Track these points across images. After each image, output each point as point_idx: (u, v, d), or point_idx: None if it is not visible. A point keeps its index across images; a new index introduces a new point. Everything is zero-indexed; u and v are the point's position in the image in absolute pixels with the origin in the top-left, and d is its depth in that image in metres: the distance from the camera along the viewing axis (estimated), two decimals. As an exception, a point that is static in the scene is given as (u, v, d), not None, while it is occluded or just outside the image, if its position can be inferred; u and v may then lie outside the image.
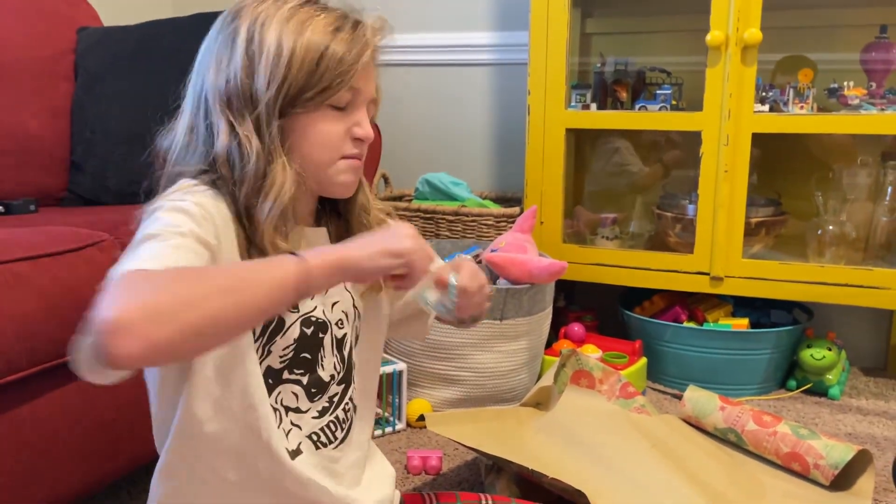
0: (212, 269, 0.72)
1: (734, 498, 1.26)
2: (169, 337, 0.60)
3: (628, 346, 1.81)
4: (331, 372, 0.90)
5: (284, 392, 0.86)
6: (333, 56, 0.81)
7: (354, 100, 0.85)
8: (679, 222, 1.87)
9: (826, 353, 1.77)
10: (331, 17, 0.83)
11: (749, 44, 1.65)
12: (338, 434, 0.90)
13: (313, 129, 0.83)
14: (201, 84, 0.83)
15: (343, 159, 0.86)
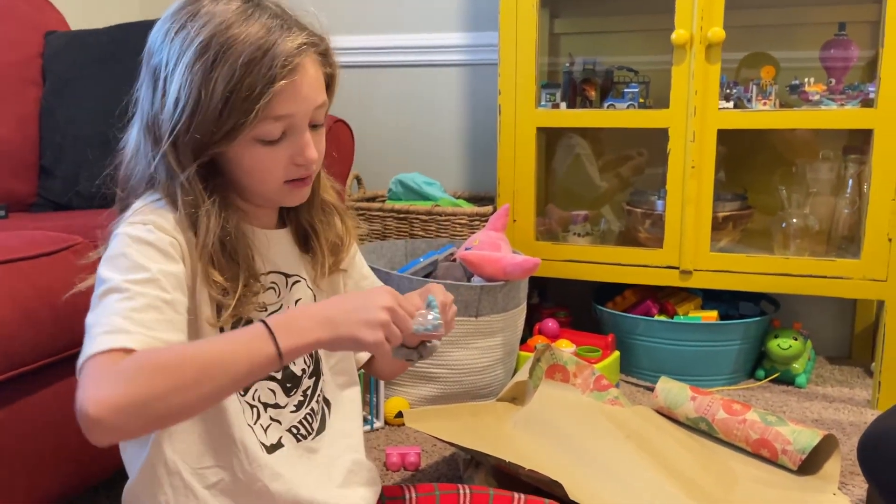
0: (185, 356, 0.72)
1: (706, 485, 1.29)
2: (143, 426, 0.71)
3: (601, 340, 1.84)
4: (301, 366, 0.92)
5: (261, 389, 0.87)
6: (238, 98, 0.78)
7: (290, 126, 0.83)
8: (648, 218, 1.90)
9: (792, 343, 1.82)
10: (245, 46, 0.78)
11: (713, 42, 1.69)
12: (314, 426, 0.92)
13: (244, 163, 0.83)
14: (141, 104, 0.85)
15: (287, 183, 0.86)
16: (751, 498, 1.29)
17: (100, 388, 0.67)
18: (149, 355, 0.70)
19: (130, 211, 0.83)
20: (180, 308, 0.78)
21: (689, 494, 1.22)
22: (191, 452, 0.83)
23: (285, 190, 0.86)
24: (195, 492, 0.83)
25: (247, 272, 0.84)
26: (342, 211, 0.97)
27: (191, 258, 0.81)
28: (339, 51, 0.90)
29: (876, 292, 1.69)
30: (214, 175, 0.84)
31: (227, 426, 0.83)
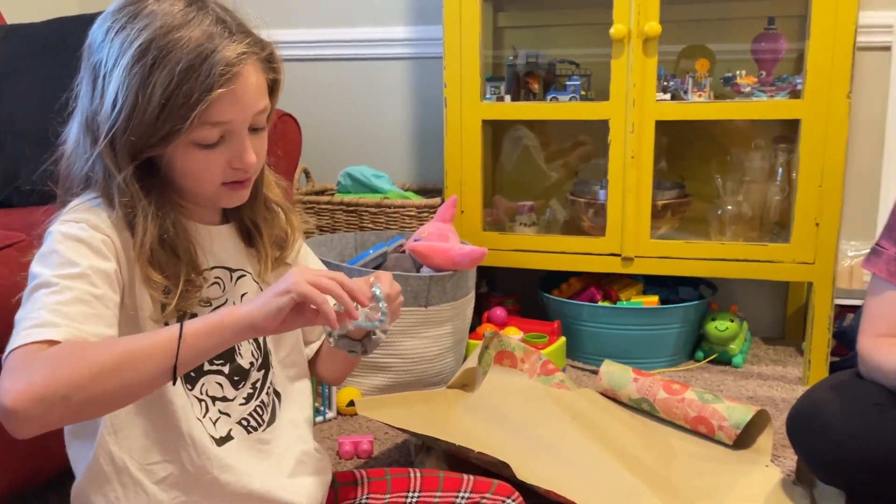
0: (102, 348, 0.73)
1: (648, 461, 1.35)
2: (61, 417, 0.71)
3: (548, 326, 1.89)
4: (249, 359, 0.93)
5: (208, 383, 0.89)
6: (175, 104, 0.78)
7: (228, 131, 0.82)
8: (591, 207, 1.96)
9: (729, 325, 1.90)
10: (184, 53, 0.78)
11: (649, 36, 1.75)
12: (265, 417, 0.93)
13: (181, 166, 0.84)
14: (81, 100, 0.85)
15: (225, 185, 0.86)
16: (689, 472, 1.36)
17: (17, 380, 0.68)
18: (69, 346, 0.72)
19: (66, 209, 0.83)
20: (110, 304, 0.78)
21: (632, 471, 1.27)
22: (137, 448, 0.84)
23: (223, 191, 0.87)
24: (144, 487, 0.84)
25: (188, 268, 0.85)
26: (286, 207, 0.98)
27: (127, 258, 0.82)
28: (287, 44, 0.91)
29: (805, 274, 1.78)
30: (152, 175, 0.84)
31: (174, 420, 0.84)
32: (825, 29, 1.67)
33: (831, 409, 1.21)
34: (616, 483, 1.24)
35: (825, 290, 1.76)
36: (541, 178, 2.24)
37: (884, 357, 1.22)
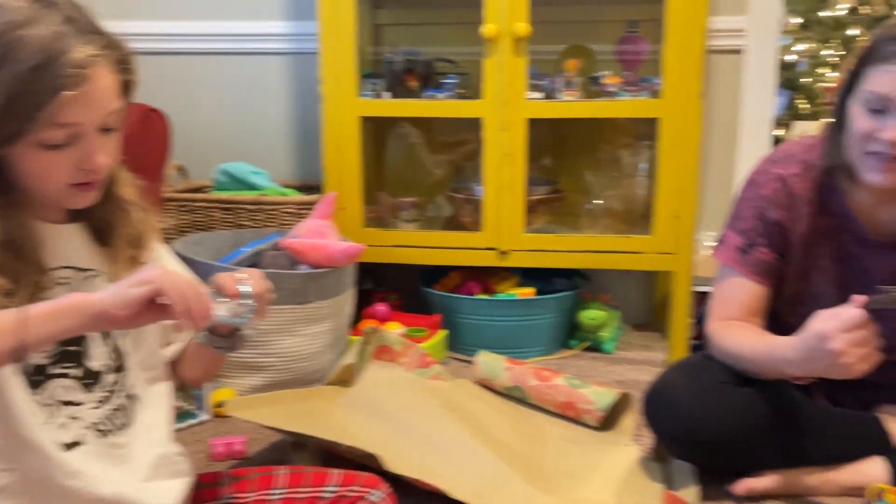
0: None
1: (518, 446, 1.41)
2: None
3: (428, 320, 1.93)
4: (103, 362, 0.91)
5: (55, 387, 0.86)
6: (20, 104, 0.76)
7: (76, 132, 0.81)
8: (469, 203, 2.01)
9: (600, 314, 2.00)
10: (31, 52, 0.76)
11: (519, 36, 1.81)
12: (120, 421, 0.91)
13: (26, 166, 0.82)
14: None
15: (73, 186, 0.85)
16: (557, 454, 1.42)
17: None
18: None
19: None
20: None
21: (502, 456, 1.32)
22: None
23: (70, 192, 0.85)
24: None
25: (33, 269, 0.82)
26: (142, 206, 0.97)
27: None
28: (163, 37, 0.89)
29: (666, 264, 1.90)
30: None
31: (14, 428, 0.81)
32: (678, 33, 1.78)
33: (680, 389, 1.30)
34: (486, 469, 1.28)
35: (685, 278, 1.88)
36: (425, 175, 2.28)
37: (728, 339, 1.32)
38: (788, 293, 1.36)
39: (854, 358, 1.06)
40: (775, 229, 1.32)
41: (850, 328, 1.05)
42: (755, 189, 1.34)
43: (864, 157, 1.19)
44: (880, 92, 1.14)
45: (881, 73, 1.14)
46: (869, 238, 1.30)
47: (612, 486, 1.31)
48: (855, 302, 1.07)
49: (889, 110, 1.14)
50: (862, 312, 1.06)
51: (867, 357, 1.07)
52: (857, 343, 1.06)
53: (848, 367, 1.07)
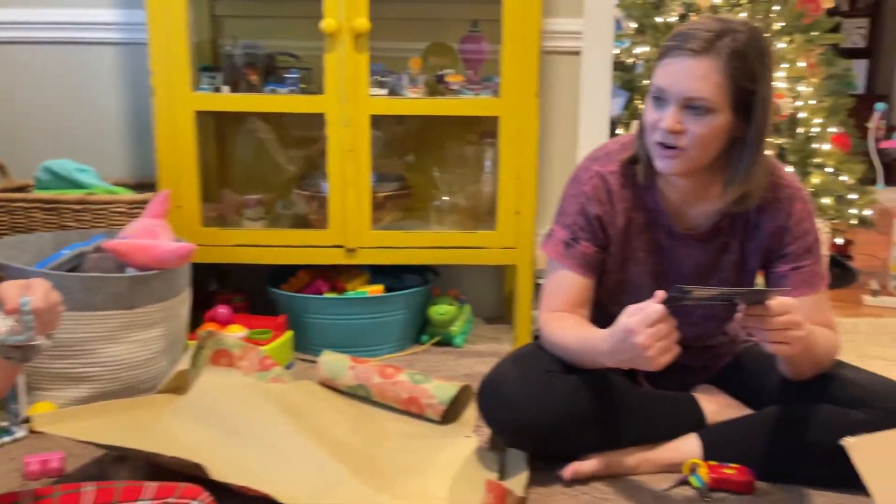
0: None
1: (357, 445, 1.40)
2: None
3: (273, 321, 1.88)
4: None
5: None
6: None
7: None
8: (315, 200, 1.98)
9: (449, 309, 2.02)
10: None
11: (359, 32, 1.79)
12: None
13: None
14: None
15: None
16: (397, 450, 1.42)
17: None
18: None
19: None
20: None
21: (337, 456, 1.30)
22: None
23: None
24: None
25: None
26: None
27: None
28: None
29: (509, 258, 1.94)
30: None
31: None
32: (515, 33, 1.82)
33: (510, 380, 1.34)
34: (319, 470, 1.26)
35: (526, 272, 1.93)
36: (273, 171, 2.22)
37: (554, 331, 1.37)
38: (610, 284, 1.43)
39: (655, 351, 1.12)
40: (596, 224, 1.38)
41: (653, 323, 1.11)
42: (577, 186, 1.40)
43: (653, 148, 1.27)
44: (658, 84, 1.23)
45: (661, 66, 1.24)
46: (678, 231, 1.38)
47: (447, 479, 1.32)
48: (656, 298, 1.13)
49: (668, 101, 1.23)
50: (662, 308, 1.12)
51: (667, 349, 1.13)
52: (658, 337, 1.12)
53: (650, 360, 1.13)
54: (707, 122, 1.22)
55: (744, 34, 1.21)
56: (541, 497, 1.30)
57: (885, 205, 3.43)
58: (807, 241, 1.36)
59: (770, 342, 1.17)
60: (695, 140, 1.23)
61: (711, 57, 1.20)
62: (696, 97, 1.21)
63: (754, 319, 1.16)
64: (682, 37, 1.22)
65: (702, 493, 1.31)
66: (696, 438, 1.39)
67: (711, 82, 1.20)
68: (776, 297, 1.15)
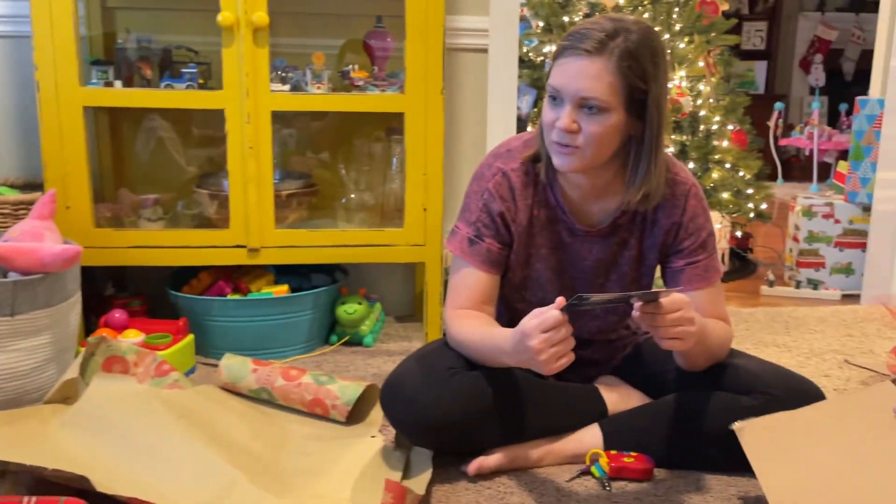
0: None
1: (256, 450, 1.36)
2: None
3: (173, 325, 1.81)
4: None
5: None
6: None
7: None
8: (216, 199, 1.92)
9: (357, 308, 1.99)
10: None
11: (258, 26, 1.75)
12: None
13: None
14: None
15: None
16: (299, 453, 1.39)
17: None
18: None
19: None
20: None
21: (234, 462, 1.26)
22: None
23: None
24: None
25: None
26: None
27: None
28: None
29: (417, 256, 1.94)
30: None
31: None
32: (418, 30, 1.82)
33: (412, 378, 1.33)
34: (213, 477, 1.22)
35: (435, 269, 1.93)
36: (173, 170, 2.14)
37: (459, 328, 1.37)
38: (514, 280, 1.44)
39: (547, 356, 1.13)
40: (500, 221, 1.38)
41: (548, 328, 1.12)
42: (480, 183, 1.40)
43: (551, 146, 1.29)
44: (554, 84, 1.25)
45: (556, 66, 1.25)
46: (579, 228, 1.40)
47: (350, 479, 1.30)
48: (556, 304, 1.14)
49: (563, 101, 1.24)
50: (559, 315, 1.12)
51: (559, 355, 1.13)
52: (551, 343, 1.12)
53: (542, 364, 1.14)
54: (601, 121, 1.24)
55: (636, 34, 1.23)
56: (445, 494, 1.30)
57: (782, 199, 3.60)
58: (701, 237, 1.40)
59: (663, 339, 1.20)
60: (590, 139, 1.25)
61: (604, 57, 1.21)
62: (589, 97, 1.22)
63: (648, 317, 1.19)
64: (576, 37, 1.23)
65: (603, 483, 1.33)
66: (598, 429, 1.41)
67: (604, 82, 1.22)
68: (668, 295, 1.18)
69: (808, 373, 1.85)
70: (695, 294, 1.38)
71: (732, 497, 1.30)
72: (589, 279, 1.44)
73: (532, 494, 1.30)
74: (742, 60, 6.15)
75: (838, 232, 2.76)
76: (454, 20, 2.11)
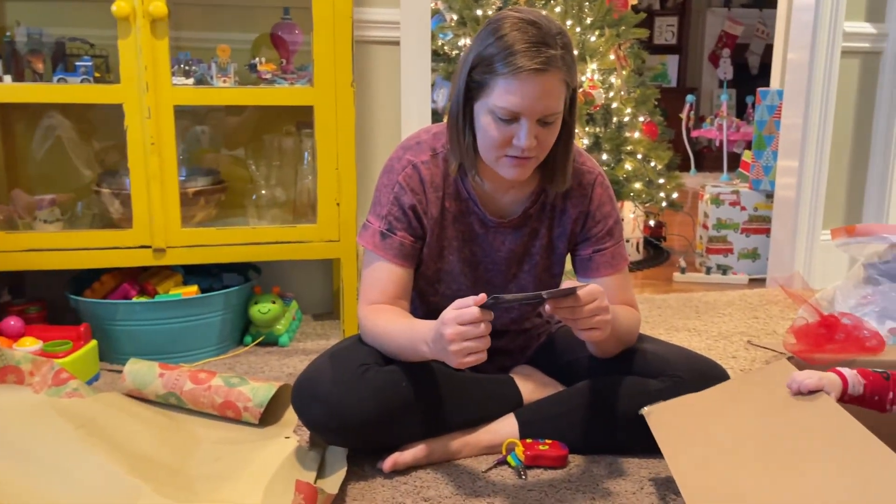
0: None
1: (162, 457, 1.30)
2: None
3: (74, 331, 1.73)
4: None
5: None
6: None
7: None
8: (118, 198, 1.83)
9: (271, 307, 1.95)
10: None
11: (156, 17, 1.68)
12: None
13: None
14: None
15: None
16: (208, 458, 1.34)
17: None
18: None
19: None
20: None
21: (136, 471, 1.21)
22: None
23: None
24: None
25: None
26: None
27: None
28: None
29: (332, 252, 1.90)
30: None
31: None
32: (325, 22, 1.78)
33: (324, 376, 1.30)
34: (116, 488, 1.16)
35: (351, 265, 1.90)
36: (73, 169, 2.04)
37: (375, 324, 1.34)
38: (428, 273, 1.43)
39: (458, 347, 1.12)
40: (411, 214, 1.37)
41: (464, 322, 1.12)
42: (391, 175, 1.38)
43: (500, 160, 1.28)
44: (509, 108, 1.21)
45: (506, 90, 1.20)
46: (490, 220, 1.40)
47: (262, 482, 1.26)
48: (475, 300, 1.13)
49: (519, 119, 1.22)
50: (477, 311, 1.12)
51: (470, 351, 1.13)
52: (465, 336, 1.12)
53: (452, 355, 1.13)
54: (555, 128, 1.27)
55: (562, 36, 1.23)
56: (360, 491, 1.28)
57: (694, 189, 3.72)
58: (608, 224, 1.42)
59: (583, 330, 1.21)
60: (545, 146, 1.27)
61: (553, 70, 1.20)
62: (550, 113, 1.23)
63: (566, 311, 1.19)
64: (516, 55, 1.18)
65: (518, 472, 1.34)
66: (513, 419, 1.42)
67: (560, 95, 1.23)
68: (582, 287, 1.19)
69: (717, 355, 1.92)
70: (604, 281, 1.41)
71: (644, 479, 1.32)
72: (502, 270, 1.44)
73: (448, 487, 1.29)
74: (655, 54, 6.35)
75: (744, 219, 2.87)
76: (363, 12, 2.09)
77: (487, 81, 1.22)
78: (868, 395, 1.11)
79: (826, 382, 1.11)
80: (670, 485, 1.29)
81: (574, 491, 1.28)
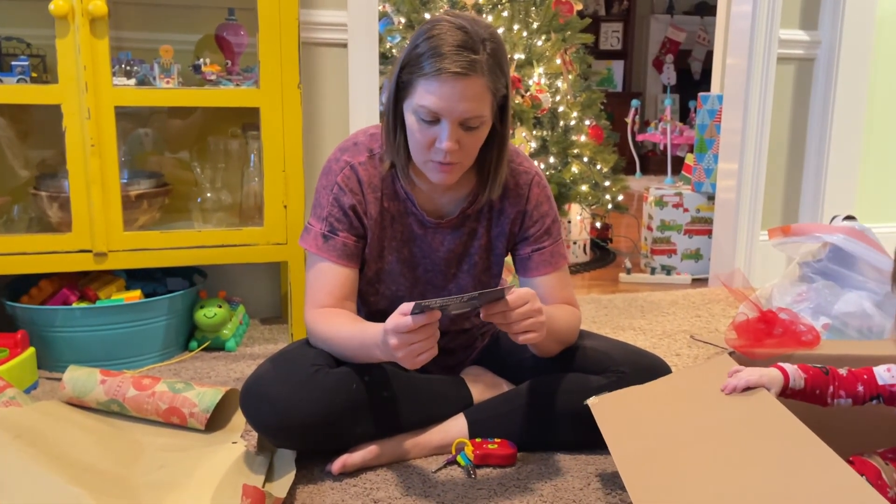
0: None
1: (104, 466, 1.27)
2: None
3: (10, 339, 1.67)
4: None
5: None
6: None
7: None
8: (56, 201, 1.78)
9: (217, 311, 1.92)
10: None
11: (96, 16, 1.64)
12: None
13: None
14: None
15: None
16: (153, 466, 1.32)
17: None
18: None
19: None
20: None
21: (77, 480, 1.17)
22: None
23: None
24: None
25: None
26: None
27: None
28: None
29: (279, 255, 1.89)
30: None
31: None
32: (271, 23, 1.77)
33: (270, 379, 1.29)
34: (54, 498, 1.13)
35: (298, 268, 1.88)
36: (10, 171, 1.97)
37: (323, 327, 1.34)
38: (369, 274, 1.43)
39: (404, 353, 1.14)
40: (352, 214, 1.37)
41: (401, 331, 1.13)
42: (329, 177, 1.38)
43: (426, 164, 1.28)
44: (430, 107, 1.21)
45: (427, 90, 1.21)
46: (429, 220, 1.41)
47: (209, 489, 1.24)
48: (403, 309, 1.13)
49: (440, 121, 1.23)
50: (409, 321, 1.12)
51: (417, 353, 1.14)
52: (409, 342, 1.13)
53: (401, 361, 1.15)
54: (480, 133, 1.27)
55: (490, 41, 1.23)
56: (309, 494, 1.27)
57: (639, 191, 3.80)
58: (545, 223, 1.44)
59: (517, 334, 1.23)
60: (469, 152, 1.28)
61: (476, 75, 1.20)
62: (471, 117, 1.23)
63: (498, 316, 1.21)
64: (441, 57, 1.19)
65: (468, 471, 1.35)
66: (463, 418, 1.43)
67: (483, 100, 1.23)
68: (511, 291, 1.20)
69: (661, 352, 1.96)
70: (543, 279, 1.43)
71: (591, 475, 1.35)
72: (441, 270, 1.45)
73: (398, 488, 1.29)
74: (600, 59, 6.47)
75: (687, 220, 2.94)
76: (310, 14, 2.08)
77: (413, 81, 1.23)
78: (809, 389, 1.15)
79: (767, 378, 1.15)
80: (616, 479, 1.32)
81: (522, 489, 1.30)
